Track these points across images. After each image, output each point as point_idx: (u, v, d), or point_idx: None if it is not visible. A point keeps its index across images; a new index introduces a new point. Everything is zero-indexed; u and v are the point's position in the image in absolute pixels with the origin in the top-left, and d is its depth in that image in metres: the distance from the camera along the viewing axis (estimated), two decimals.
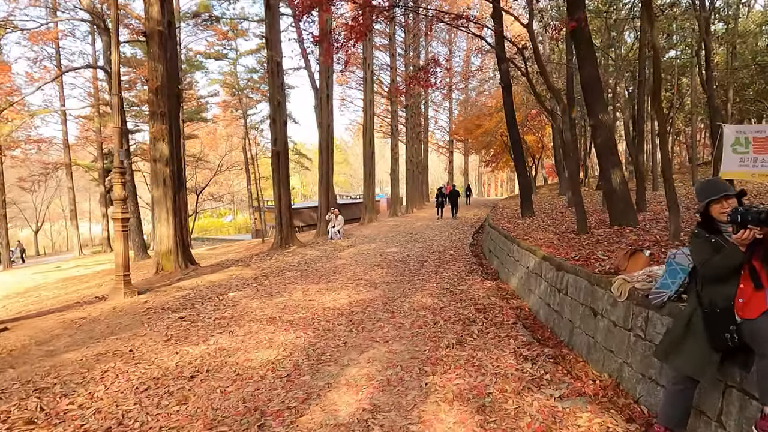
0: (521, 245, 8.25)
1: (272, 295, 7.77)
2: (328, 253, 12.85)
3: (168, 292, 8.12)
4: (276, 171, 13.67)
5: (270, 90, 13.59)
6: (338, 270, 10.11)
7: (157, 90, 9.67)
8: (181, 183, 10.32)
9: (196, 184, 40.74)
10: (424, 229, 18.56)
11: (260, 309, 6.83)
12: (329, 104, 16.95)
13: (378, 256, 11.91)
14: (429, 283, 8.58)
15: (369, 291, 8.04)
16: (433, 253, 12.33)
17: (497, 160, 37.44)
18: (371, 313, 6.64)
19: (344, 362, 4.78)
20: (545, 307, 6.42)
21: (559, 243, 7.73)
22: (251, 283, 8.79)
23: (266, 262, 11.48)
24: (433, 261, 11.06)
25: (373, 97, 22.37)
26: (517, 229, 10.47)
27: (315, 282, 8.86)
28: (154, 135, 9.78)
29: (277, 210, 13.73)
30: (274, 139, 13.64)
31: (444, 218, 22.94)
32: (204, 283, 8.84)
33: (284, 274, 9.72)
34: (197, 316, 6.39)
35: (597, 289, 4.83)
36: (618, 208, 8.76)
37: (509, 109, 13.33)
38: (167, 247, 10.05)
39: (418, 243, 14.37)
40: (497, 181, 74.48)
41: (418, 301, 7.23)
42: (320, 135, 17.24)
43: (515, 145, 13.43)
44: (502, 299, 7.53)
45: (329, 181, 17.03)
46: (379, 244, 14.33)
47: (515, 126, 13.51)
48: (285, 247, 13.60)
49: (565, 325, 5.55)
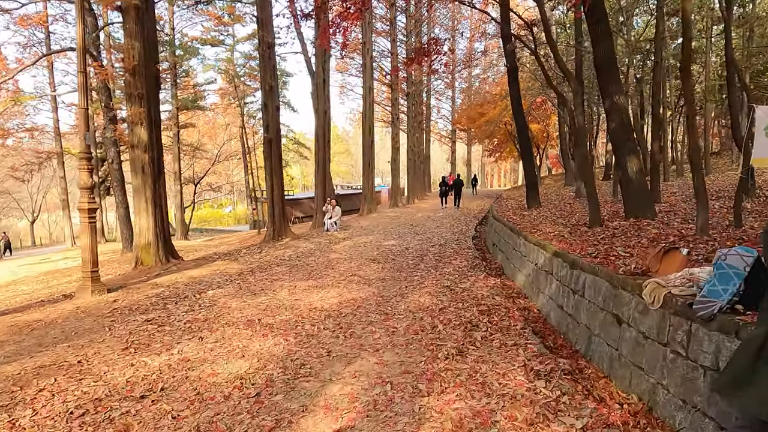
0: (529, 239, 7.54)
1: (255, 293, 7.08)
2: (323, 246, 12.16)
3: (142, 289, 7.44)
4: (268, 159, 12.93)
5: (261, 73, 12.81)
6: (331, 265, 9.42)
7: (133, 70, 8.91)
8: (160, 171, 9.60)
9: (194, 174, 40.16)
10: (425, 220, 17.85)
11: (239, 310, 6.15)
12: (326, 90, 16.14)
13: (375, 250, 11.22)
14: (428, 280, 7.89)
15: (362, 289, 7.36)
16: (433, 246, 11.63)
17: (501, 149, 36.54)
18: (362, 315, 5.96)
19: (326, 377, 4.10)
20: (557, 309, 5.72)
21: (571, 237, 7.02)
22: (235, 279, 8.10)
23: (255, 255, 10.79)
24: (433, 255, 10.36)
25: (373, 84, 21.55)
26: (524, 222, 9.75)
27: (304, 278, 8.18)
28: (132, 119, 9.05)
29: (270, 200, 13.02)
30: (266, 125, 12.89)
31: (447, 208, 22.95)
32: (184, 279, 8.16)
33: (272, 269, 9.04)
34: (167, 319, 5.71)
35: (621, 292, 4.12)
36: (634, 198, 8.03)
37: (515, 94, 12.54)
38: (147, 240, 9.36)
39: (418, 235, 13.66)
40: (500, 172, 73.64)
41: (415, 301, 6.54)
42: (317, 122, 16.45)
43: (521, 133, 12.64)
44: (508, 299, 6.83)
45: (326, 170, 16.29)
46: (377, 237, 13.63)
47: (521, 112, 12.73)
48: (278, 240, 12.90)
49: (582, 332, 4.85)
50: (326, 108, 16.19)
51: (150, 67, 9.18)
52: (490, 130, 30.98)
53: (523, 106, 13.00)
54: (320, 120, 16.21)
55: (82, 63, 6.64)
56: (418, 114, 32.80)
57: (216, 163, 39.49)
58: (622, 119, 8.29)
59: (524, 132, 12.68)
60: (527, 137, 12.74)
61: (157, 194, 9.40)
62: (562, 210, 11.40)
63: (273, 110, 12.81)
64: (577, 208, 11.15)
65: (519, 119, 12.69)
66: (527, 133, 12.68)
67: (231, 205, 71.59)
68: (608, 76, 8.26)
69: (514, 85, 12.55)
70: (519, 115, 12.68)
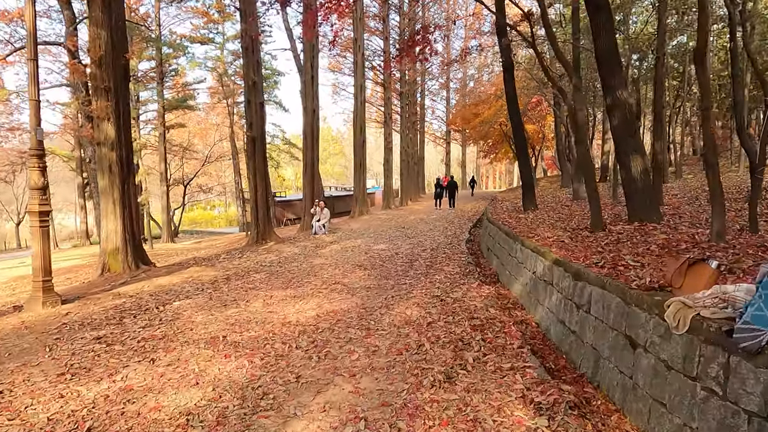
0: (526, 245, 6.95)
1: (226, 304, 6.44)
2: (308, 250, 11.53)
3: (102, 300, 6.78)
4: (251, 159, 12.28)
5: (245, 68, 12.18)
6: (314, 271, 8.79)
7: (99, 61, 8.24)
8: (130, 170, 8.92)
9: (183, 175, 39.38)
10: (418, 223, 17.24)
11: (204, 325, 5.51)
12: (314, 86, 15.50)
13: (362, 255, 10.59)
14: (417, 289, 7.27)
15: (344, 299, 6.73)
16: (425, 250, 11.03)
17: (496, 150, 36.03)
18: (341, 330, 5.34)
19: (289, 411, 3.47)
20: (558, 324, 5.13)
21: (572, 243, 6.43)
22: (207, 288, 7.46)
23: (235, 261, 10.14)
24: (424, 260, 9.76)
25: (365, 82, 20.95)
26: (520, 225, 9.16)
27: (282, 287, 7.54)
28: (98, 114, 8.37)
29: (253, 202, 12.37)
30: (249, 123, 12.24)
31: (441, 209, 22.82)
32: (151, 288, 7.50)
33: (250, 276, 8.39)
34: (119, 336, 5.06)
35: (635, 310, 3.53)
36: (639, 201, 7.46)
37: (511, 92, 11.98)
38: (114, 245, 8.67)
39: (410, 239, 13.06)
40: (495, 174, 73.19)
41: (401, 314, 5.93)
42: (305, 120, 15.81)
43: (517, 132, 12.08)
44: (504, 311, 6.24)
45: (314, 170, 15.66)
46: (366, 240, 13.01)
47: (517, 111, 12.16)
48: (261, 244, 12.26)
49: (588, 353, 4.25)
50: (314, 106, 15.55)
51: (118, 58, 8.51)
52: (484, 131, 30.46)
53: (519, 105, 12.43)
54: (308, 118, 15.57)
55: (33, 50, 6.01)
56: (411, 114, 32.23)
57: (206, 164, 38.77)
58: (625, 115, 7.70)
59: (520, 131, 12.11)
60: (523, 137, 12.18)
61: (126, 195, 8.72)
62: (560, 213, 10.82)
63: (257, 107, 12.17)
64: (576, 211, 10.58)
65: (515, 118, 12.12)
66: (523, 132, 12.13)
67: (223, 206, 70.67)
68: (610, 69, 7.69)
69: (509, 82, 12.00)
70: (515, 114, 12.11)
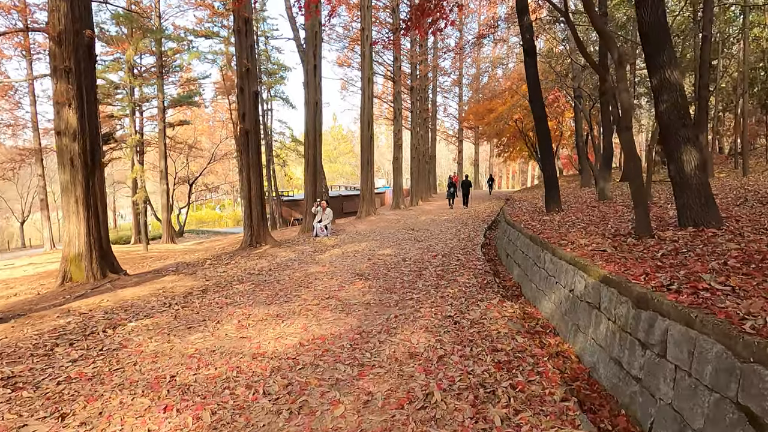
0: (559, 254, 5.70)
1: (192, 326, 5.29)
2: (305, 255, 10.36)
3: (46, 318, 5.66)
4: (245, 153, 11.14)
5: (237, 52, 11.05)
6: (307, 282, 7.62)
7: (59, 37, 7.12)
8: (96, 163, 7.80)
9: (188, 173, 38.59)
10: (428, 224, 16.01)
11: (154, 357, 4.36)
12: (316, 77, 14.32)
13: (365, 261, 9.41)
14: (426, 306, 6.06)
15: (337, 320, 5.55)
16: (435, 256, 9.80)
17: (510, 148, 34.59)
18: (328, 366, 4.15)
19: None
20: (611, 364, 3.88)
21: (619, 253, 5.17)
22: (175, 303, 6.33)
23: (221, 267, 9.02)
24: (434, 268, 8.53)
25: (372, 75, 19.73)
26: (546, 229, 7.90)
27: (266, 302, 6.38)
28: (58, 99, 7.25)
29: (246, 201, 11.25)
30: (242, 114, 11.10)
31: (455, 208, 22.27)
32: (111, 302, 6.39)
33: (231, 287, 7.25)
34: (38, 375, 3.93)
35: (760, 371, 2.29)
36: (692, 201, 6.15)
37: (533, 78, 10.67)
38: (77, 251, 7.56)
39: (419, 242, 11.83)
40: (508, 173, 71.59)
41: (405, 342, 4.72)
42: (306, 113, 14.65)
43: (540, 123, 10.75)
44: (532, 336, 5.01)
45: (317, 167, 14.49)
46: (371, 244, 11.81)
47: (540, 100, 10.83)
48: (255, 247, 11.13)
49: (666, 416, 3.01)
50: (317, 98, 14.37)
51: (81, 35, 7.40)
52: (499, 128, 29.08)
53: (542, 94, 11.12)
54: (311, 111, 14.40)
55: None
56: (423, 110, 30.96)
57: (212, 162, 37.91)
58: (676, 99, 6.38)
59: (543, 123, 10.78)
60: (547, 129, 10.85)
61: (91, 193, 7.62)
62: (589, 215, 9.52)
63: (250, 96, 11.03)
64: (608, 213, 9.28)
65: (537, 108, 10.79)
66: (546, 124, 10.81)
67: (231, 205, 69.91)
68: (657, 44, 6.39)
69: (531, 67, 10.69)
70: (537, 103, 10.79)
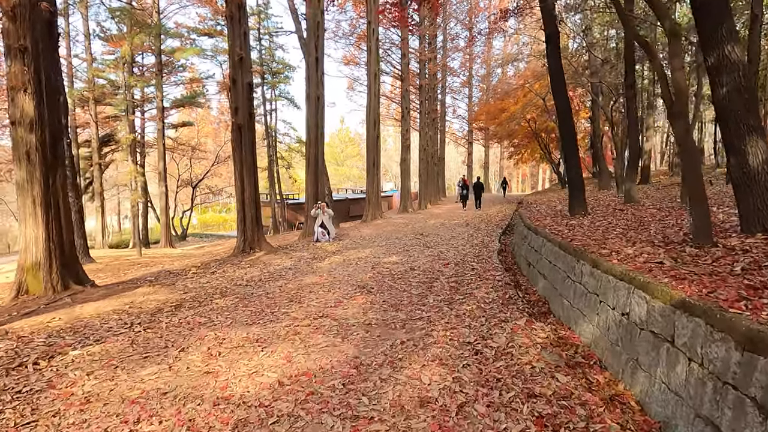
0: (604, 267, 4.63)
1: (149, 355, 4.28)
2: (302, 263, 9.35)
3: None
4: (237, 150, 10.18)
5: (229, 41, 10.11)
6: (299, 296, 6.60)
7: (13, 12, 6.19)
8: (57, 158, 6.85)
9: (191, 176, 37.83)
10: (438, 228, 14.95)
11: (84, 404, 3.35)
12: (318, 70, 13.32)
13: (368, 270, 8.37)
14: (438, 328, 5.01)
15: (330, 347, 4.52)
16: (447, 264, 8.75)
17: (522, 150, 33.39)
18: (309, 421, 3.12)
19: None
20: (699, 425, 2.80)
21: (682, 266, 4.11)
22: (140, 323, 5.33)
23: (205, 277, 8.03)
24: (447, 279, 7.48)
25: (379, 71, 18.72)
26: (576, 235, 6.83)
27: (247, 322, 5.36)
28: (12, 83, 6.32)
29: (239, 203, 10.26)
30: (234, 107, 10.14)
31: (467, 211, 22.12)
32: (63, 321, 5.40)
33: (211, 302, 6.24)
34: None
35: None
36: (761, 202, 5.08)
37: (555, 67, 9.61)
38: (34, 259, 6.55)
39: (429, 249, 10.78)
40: (518, 176, 70.27)
41: (413, 382, 3.68)
42: (308, 109, 13.66)
43: (564, 118, 9.67)
44: (575, 373, 3.95)
45: (318, 167, 13.48)
46: (376, 250, 10.78)
47: (564, 92, 9.74)
48: (248, 254, 10.14)
49: None
50: (319, 93, 13.37)
51: (38, 9, 6.48)
52: (511, 128, 27.96)
53: (566, 85, 10.03)
54: (312, 107, 13.42)
55: None
56: (432, 111, 29.92)
57: (217, 164, 37.11)
58: (739, 81, 5.28)
59: (567, 117, 9.70)
60: (571, 124, 9.78)
61: (52, 192, 6.67)
62: (621, 219, 8.40)
63: (244, 88, 10.07)
64: (644, 217, 8.16)
65: (560, 101, 9.71)
66: (571, 118, 9.74)
67: None
68: (716, 15, 5.32)
69: (553, 56, 9.64)
70: (561, 95, 9.71)
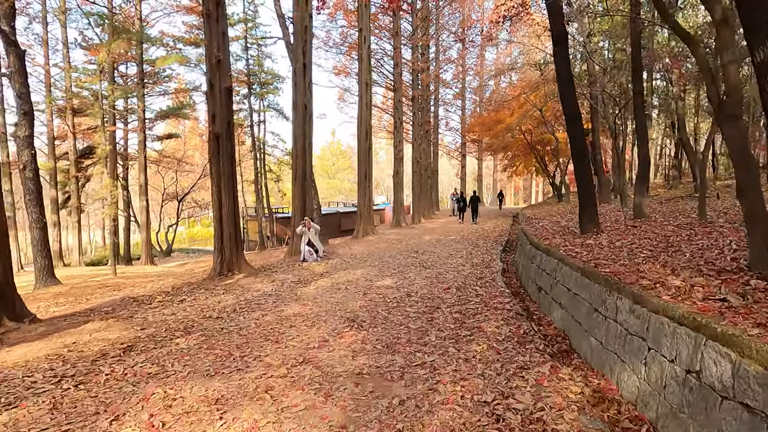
0: (651, 305, 3.71)
1: (69, 428, 3.26)
2: (285, 288, 8.34)
3: None
4: (215, 161, 9.20)
5: (206, 41, 9.18)
6: (276, 332, 5.59)
7: None
8: None
9: (177, 189, 36.71)
10: (434, 245, 14.01)
11: None
12: (306, 77, 12.40)
13: (359, 297, 7.39)
14: (445, 379, 4.05)
15: (310, 411, 3.53)
16: (448, 289, 7.80)
17: (517, 163, 32.66)
18: None
19: None
20: None
21: (755, 305, 3.20)
22: (72, 376, 4.30)
23: (170, 307, 6.98)
24: (449, 308, 6.52)
25: (371, 80, 17.90)
26: (597, 257, 5.92)
27: (209, 372, 4.35)
28: None
29: (216, 220, 9.24)
30: (211, 114, 9.18)
31: (463, 224, 22.21)
32: None
33: (170, 342, 5.21)
34: None
35: None
36: None
37: (564, 70, 8.79)
38: None
39: (426, 269, 9.83)
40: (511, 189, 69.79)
41: None
42: (294, 118, 12.71)
43: (573, 124, 8.82)
44: None
45: (306, 180, 12.49)
46: (369, 271, 9.81)
47: (573, 97, 8.91)
48: (225, 276, 9.12)
49: None
50: (306, 101, 12.44)
51: None
52: (506, 140, 27.24)
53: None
54: (299, 116, 12.48)
55: None
56: (425, 122, 29.16)
57: (203, 177, 36.00)
58: None
59: (577, 124, 8.85)
60: (580, 132, 8.93)
61: None
62: (641, 238, 7.49)
63: (222, 93, 9.14)
64: (667, 236, 7.28)
65: (568, 106, 8.86)
66: (581, 125, 8.91)
67: None
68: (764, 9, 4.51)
69: (561, 58, 8.83)
70: (569, 101, 8.88)
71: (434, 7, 29.30)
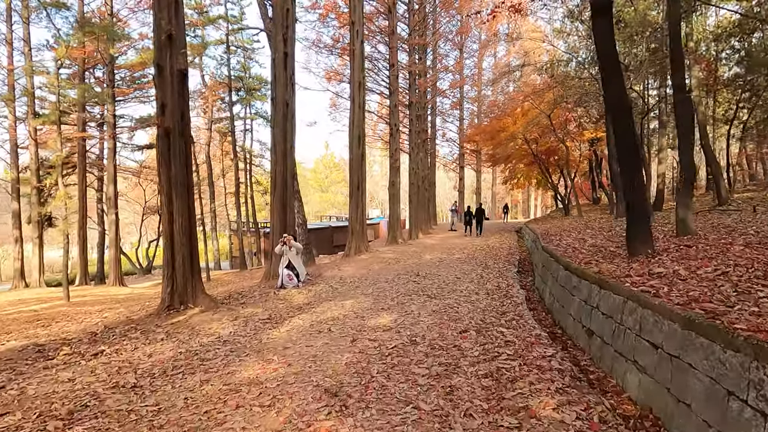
0: None
1: None
2: (249, 330, 6.32)
3: None
4: (164, 163, 7.19)
5: (154, 11, 7.27)
6: (214, 420, 3.59)
7: None
8: None
9: (159, 203, 34.59)
10: (437, 266, 12.03)
11: None
12: (287, 69, 10.43)
13: (347, 346, 5.40)
14: None
15: None
16: (466, 332, 5.81)
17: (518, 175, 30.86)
18: None
19: None
20: None
21: None
22: None
23: (70, 369, 4.91)
24: (473, 367, 4.54)
25: (363, 81, 16.04)
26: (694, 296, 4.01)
27: None
28: None
29: (166, 238, 7.24)
30: (160, 104, 7.18)
31: (468, 235, 22.05)
32: None
33: None
34: None
35: None
36: None
37: (607, 47, 6.91)
38: None
39: (431, 300, 7.85)
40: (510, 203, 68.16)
41: None
42: (273, 118, 10.71)
43: (619, 113, 6.84)
44: None
45: (288, 190, 10.46)
46: (360, 303, 7.81)
47: (620, 79, 6.90)
48: (175, 311, 7.09)
49: None
50: (287, 97, 10.48)
51: None
52: (509, 150, 25.43)
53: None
54: (279, 113, 10.46)
55: None
56: (422, 131, 27.36)
57: None
58: None
59: (626, 116, 6.93)
60: (630, 125, 7.02)
61: None
62: (720, 262, 5.54)
63: (174, 77, 7.22)
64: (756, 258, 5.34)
65: (614, 93, 6.89)
66: (630, 117, 7.02)
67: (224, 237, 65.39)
68: None
69: (604, 32, 6.97)
70: (615, 85, 6.91)
71: (431, 11, 27.75)
